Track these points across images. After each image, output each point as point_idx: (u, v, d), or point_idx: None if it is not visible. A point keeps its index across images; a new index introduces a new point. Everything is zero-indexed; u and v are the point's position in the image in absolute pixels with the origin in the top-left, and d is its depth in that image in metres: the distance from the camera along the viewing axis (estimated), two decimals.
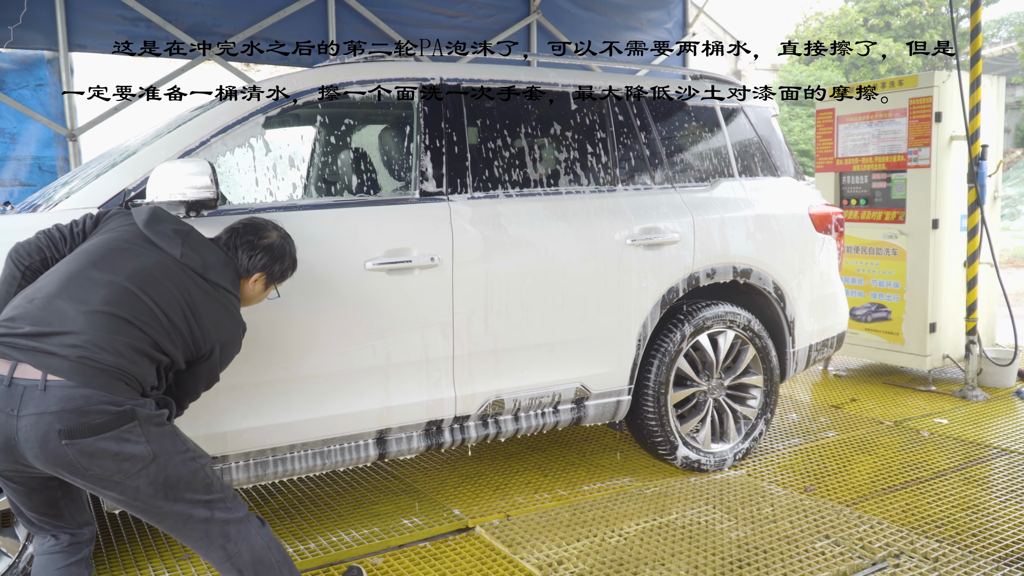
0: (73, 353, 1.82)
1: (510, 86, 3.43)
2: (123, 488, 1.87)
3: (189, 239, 2.16)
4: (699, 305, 3.72)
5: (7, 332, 1.86)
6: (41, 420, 1.77)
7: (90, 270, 1.98)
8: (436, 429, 3.17)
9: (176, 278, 2.06)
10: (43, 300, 1.91)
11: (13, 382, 1.79)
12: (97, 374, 1.83)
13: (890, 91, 5.38)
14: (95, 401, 1.81)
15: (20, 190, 5.35)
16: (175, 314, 2.02)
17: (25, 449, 1.80)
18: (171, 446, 1.93)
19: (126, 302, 1.95)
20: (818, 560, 2.89)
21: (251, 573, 2.02)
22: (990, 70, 23.16)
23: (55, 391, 1.78)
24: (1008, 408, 4.87)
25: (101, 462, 1.83)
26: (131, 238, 2.10)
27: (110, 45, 5.66)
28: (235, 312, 2.23)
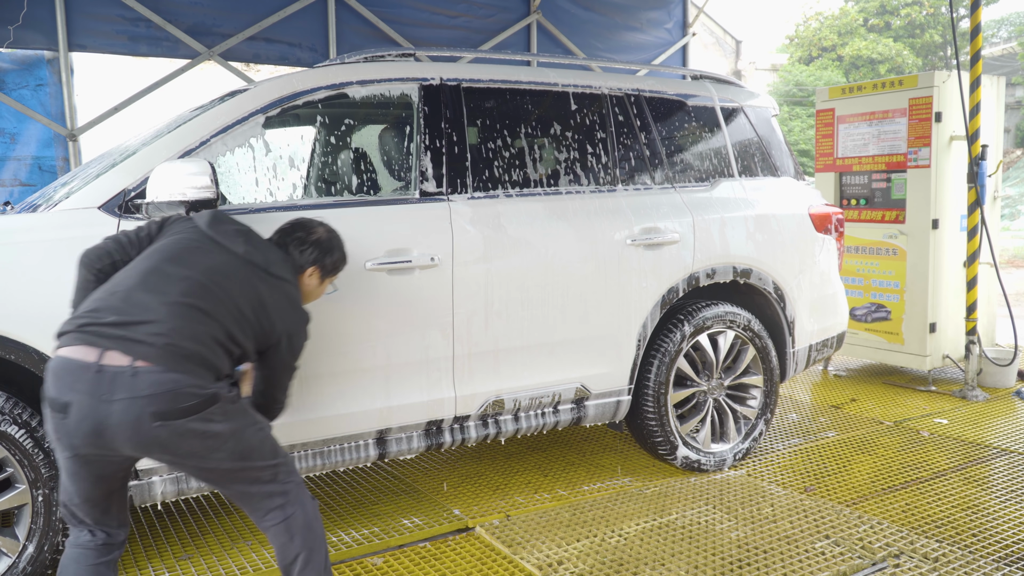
0: (159, 340, 1.93)
1: (510, 86, 3.43)
2: (206, 461, 2.00)
3: (250, 238, 2.30)
4: (699, 305, 3.72)
5: (92, 322, 1.95)
6: (134, 404, 1.87)
7: (166, 265, 2.11)
8: (436, 429, 3.17)
9: (243, 273, 2.20)
10: (124, 292, 2.03)
11: (102, 368, 1.88)
12: (182, 360, 1.94)
13: (890, 91, 5.39)
14: (183, 385, 1.91)
15: (20, 190, 5.35)
16: (246, 306, 2.15)
17: (117, 433, 1.88)
18: (245, 420, 2.07)
19: (202, 294, 2.07)
20: (818, 560, 2.89)
21: (300, 539, 2.13)
22: (990, 70, 23.17)
23: (144, 376, 1.88)
24: (1008, 408, 4.87)
25: (188, 443, 1.94)
26: (198, 238, 2.22)
27: (110, 45, 5.67)
28: (298, 303, 2.36)
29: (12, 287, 2.44)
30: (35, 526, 2.54)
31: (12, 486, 2.52)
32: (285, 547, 2.13)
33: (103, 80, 7.55)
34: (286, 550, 2.13)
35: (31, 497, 2.53)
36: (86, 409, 1.87)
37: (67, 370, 1.90)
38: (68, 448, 1.94)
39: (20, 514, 2.56)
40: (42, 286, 2.47)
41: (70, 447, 1.93)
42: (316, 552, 2.15)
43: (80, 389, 1.88)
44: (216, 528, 3.27)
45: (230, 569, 2.89)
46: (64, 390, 1.89)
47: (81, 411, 1.87)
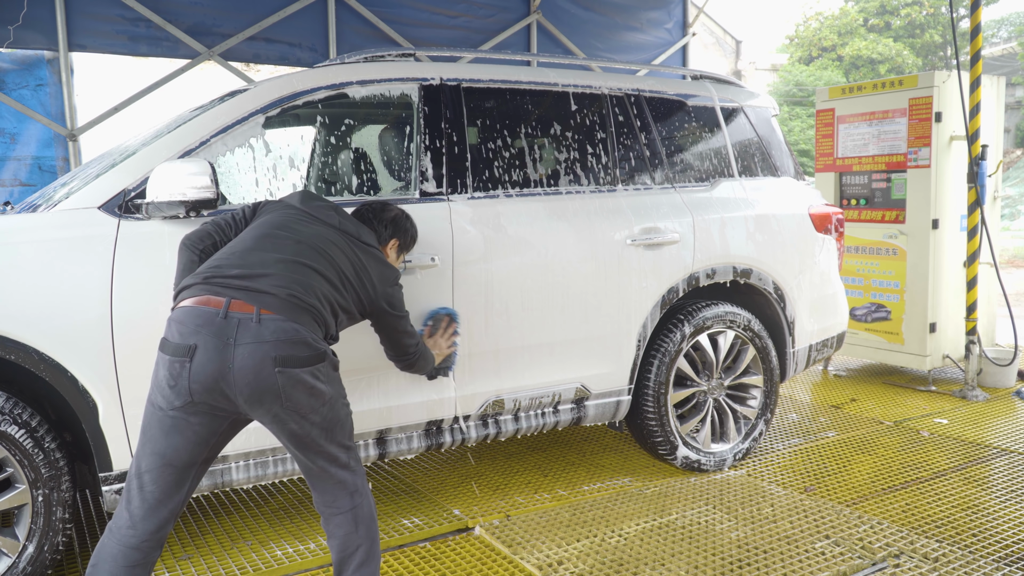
0: (282, 291, 2.04)
1: (510, 86, 3.43)
2: (303, 422, 2.06)
3: (340, 211, 2.46)
4: (699, 305, 3.72)
5: (216, 275, 2.07)
6: (259, 348, 1.95)
7: (277, 231, 2.26)
8: (436, 429, 3.17)
9: (340, 241, 2.34)
10: (242, 251, 2.16)
11: (229, 315, 1.97)
12: (302, 312, 2.05)
13: (890, 91, 5.39)
14: (303, 335, 2.02)
15: (20, 190, 5.35)
16: (348, 269, 2.30)
17: (238, 376, 1.95)
18: (340, 390, 2.16)
19: (313, 256, 2.21)
20: (818, 560, 2.89)
21: (365, 529, 2.19)
22: (990, 70, 23.18)
23: (269, 323, 1.98)
24: (1008, 408, 4.87)
25: (298, 394, 2.01)
26: (296, 213, 2.37)
27: (110, 45, 5.67)
28: (388, 264, 2.50)
29: (12, 287, 2.44)
30: (35, 526, 2.54)
31: (12, 486, 2.51)
32: (349, 536, 2.16)
33: (103, 80, 7.55)
34: (349, 540, 2.17)
35: (31, 497, 2.52)
36: (212, 351, 1.94)
37: (194, 315, 1.98)
38: (183, 394, 1.95)
39: (20, 514, 2.56)
40: (42, 286, 2.47)
41: (186, 392, 1.95)
42: (375, 544, 2.22)
43: (207, 332, 1.95)
44: (216, 528, 3.27)
45: (230, 569, 2.89)
46: (189, 334, 1.96)
47: (207, 353, 1.94)
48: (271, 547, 3.06)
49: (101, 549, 2.02)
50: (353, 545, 2.17)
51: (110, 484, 2.62)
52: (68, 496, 2.58)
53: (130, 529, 2.01)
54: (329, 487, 2.17)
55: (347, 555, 2.18)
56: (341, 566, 2.19)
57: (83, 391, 2.51)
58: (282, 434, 2.10)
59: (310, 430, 2.08)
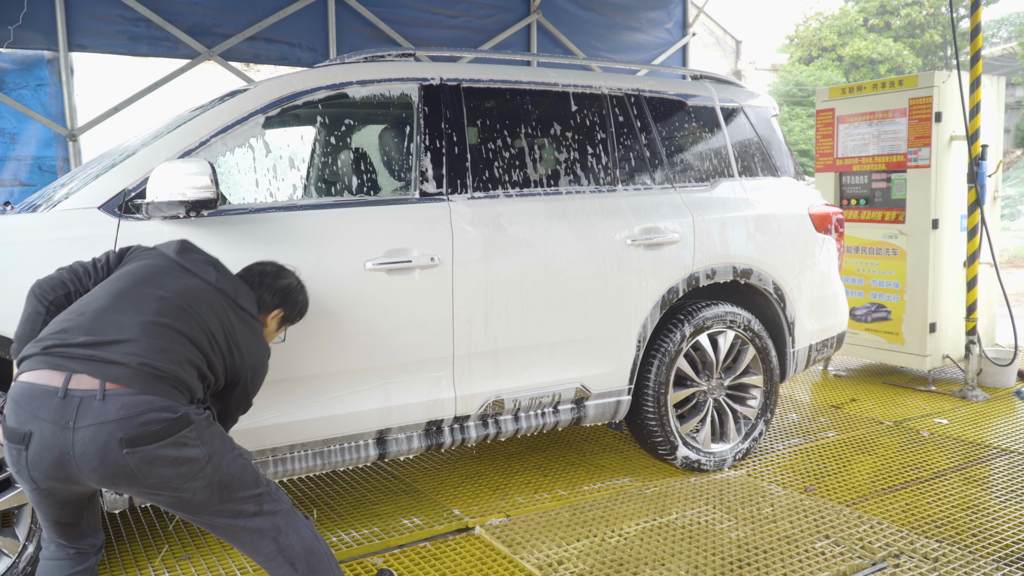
0: (133, 360, 1.82)
1: (510, 86, 3.43)
2: (180, 491, 1.88)
3: (219, 268, 2.24)
4: (699, 305, 3.72)
5: (59, 343, 1.84)
6: (101, 430, 1.75)
7: (139, 286, 2.01)
8: (436, 429, 3.17)
9: (214, 301, 2.11)
10: (95, 312, 1.92)
11: (68, 393, 1.76)
12: (156, 381, 1.84)
13: (890, 91, 5.39)
14: (156, 407, 1.81)
15: (20, 190, 5.35)
16: (218, 334, 2.07)
17: (81, 463, 1.77)
18: (222, 446, 1.96)
19: (179, 316, 1.98)
20: (818, 560, 2.89)
21: (303, 565, 2.04)
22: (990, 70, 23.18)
23: (114, 399, 1.77)
24: (1008, 408, 4.87)
25: (160, 469, 1.82)
26: (168, 264, 2.13)
27: (110, 45, 5.67)
28: (262, 338, 2.29)
29: (12, 287, 2.44)
30: (35, 526, 2.54)
31: (12, 486, 2.51)
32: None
33: (103, 80, 7.55)
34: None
35: None
36: (48, 439, 1.75)
37: (30, 396, 1.78)
38: (28, 481, 1.83)
39: (20, 514, 2.56)
40: None
41: (30, 480, 1.82)
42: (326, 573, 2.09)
43: (43, 417, 1.75)
44: None
45: (230, 569, 2.89)
46: (25, 419, 1.77)
47: (43, 441, 1.76)
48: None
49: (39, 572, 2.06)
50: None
51: None
52: None
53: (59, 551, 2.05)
54: (244, 540, 2.00)
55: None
56: None
57: None
58: (162, 504, 1.92)
59: (192, 496, 1.89)
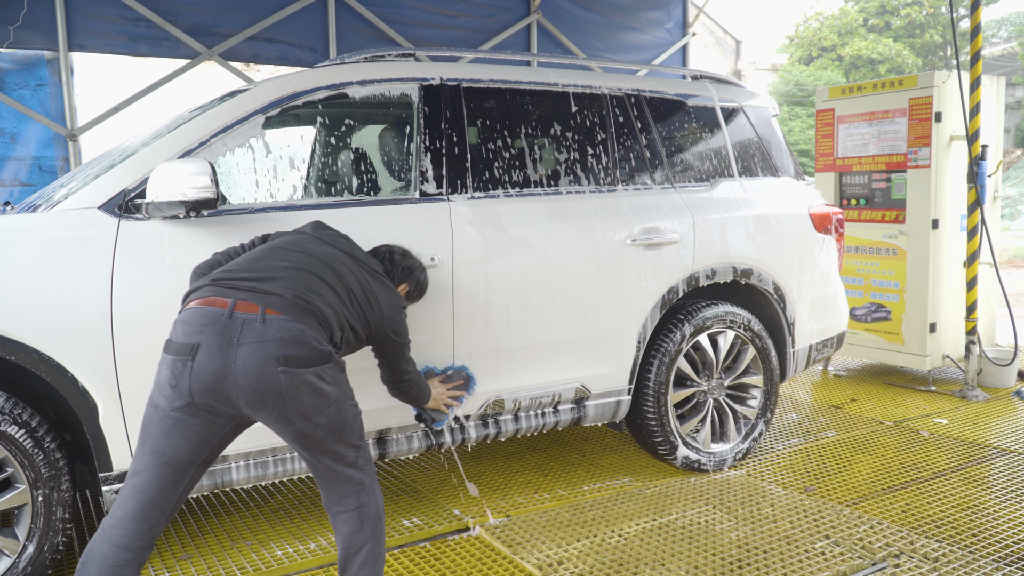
0: (288, 292, 2.06)
1: (510, 86, 3.43)
2: (308, 423, 2.05)
3: (352, 241, 2.52)
4: (699, 305, 3.72)
5: (224, 277, 2.10)
6: (262, 348, 1.95)
7: (285, 247, 2.30)
8: (436, 429, 3.16)
9: (351, 263, 2.37)
10: (253, 259, 2.21)
11: (234, 315, 1.98)
12: (307, 313, 2.06)
13: (890, 91, 5.39)
14: (307, 335, 2.02)
15: (20, 190, 5.35)
16: (356, 289, 2.32)
17: (240, 376, 1.94)
18: (347, 390, 2.17)
19: (322, 269, 2.24)
20: (818, 560, 2.89)
21: (370, 528, 2.18)
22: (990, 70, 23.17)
23: (273, 323, 1.99)
24: (1008, 408, 4.87)
25: (302, 395, 2.00)
26: (307, 237, 2.41)
27: (110, 45, 5.67)
28: (397, 294, 2.53)
29: (12, 287, 2.44)
30: (35, 526, 2.54)
31: (12, 486, 2.52)
32: (353, 535, 2.16)
33: (103, 80, 7.54)
34: (354, 538, 2.16)
35: (31, 497, 2.52)
36: (214, 350, 1.94)
37: (199, 315, 1.99)
38: (185, 394, 1.95)
39: (20, 514, 2.56)
40: (42, 286, 2.47)
41: (188, 392, 1.95)
42: (380, 544, 2.21)
43: (210, 332, 1.95)
44: (216, 528, 3.27)
45: (230, 569, 2.89)
46: (193, 333, 1.96)
47: (209, 351, 1.94)
48: (271, 547, 3.06)
49: (91, 547, 1.99)
50: (357, 544, 2.17)
51: (110, 484, 2.62)
52: (68, 496, 2.58)
53: (121, 528, 1.98)
54: (335, 485, 2.17)
55: (351, 553, 2.17)
56: (345, 563, 2.19)
57: (83, 391, 2.51)
58: (287, 434, 2.09)
59: (315, 431, 2.07)
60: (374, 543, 2.20)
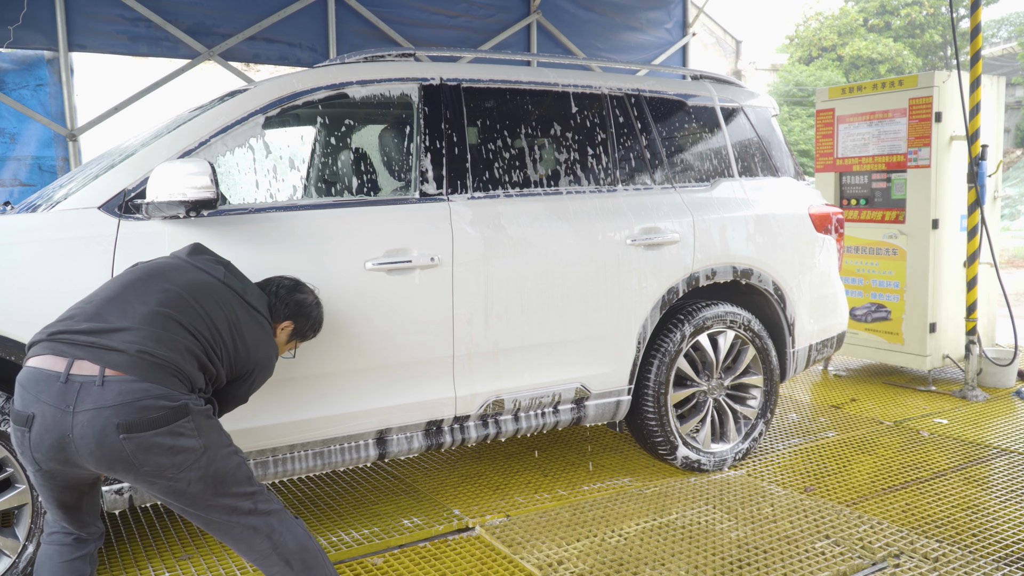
0: (132, 348, 1.87)
1: (510, 86, 3.43)
2: (175, 482, 1.90)
3: (229, 267, 2.30)
4: (699, 305, 3.72)
5: (64, 330, 1.92)
6: (99, 415, 1.80)
7: (146, 279, 2.09)
8: (436, 429, 3.17)
9: (222, 296, 2.16)
10: (100, 301, 2.00)
11: (70, 378, 1.82)
12: (154, 369, 1.88)
13: (890, 91, 5.38)
14: (153, 395, 1.85)
15: (20, 190, 5.35)
16: (223, 327, 2.11)
17: (80, 446, 1.82)
18: (218, 439, 1.98)
19: (182, 308, 2.03)
20: (818, 560, 2.89)
21: (298, 562, 2.05)
22: (990, 70, 23.17)
23: (113, 385, 1.82)
24: (1008, 408, 4.87)
25: (156, 457, 1.86)
26: (176, 262, 2.22)
27: (110, 45, 5.67)
28: (271, 336, 2.33)
29: (12, 287, 2.44)
30: (35, 526, 2.54)
31: (12, 486, 2.52)
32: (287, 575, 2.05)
33: (103, 80, 7.54)
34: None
35: (31, 497, 2.53)
36: (49, 421, 1.82)
37: (33, 380, 1.85)
38: (31, 463, 1.90)
39: (20, 514, 2.56)
40: (42, 286, 2.47)
41: (33, 462, 1.89)
42: (319, 570, 2.09)
43: (45, 400, 1.82)
44: None
45: (230, 569, 2.89)
46: (29, 402, 1.84)
47: (44, 423, 1.82)
48: None
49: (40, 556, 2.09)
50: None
51: (110, 484, 2.62)
52: None
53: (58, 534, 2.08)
54: (238, 538, 2.02)
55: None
56: None
57: None
58: (158, 496, 1.95)
59: (187, 487, 1.91)
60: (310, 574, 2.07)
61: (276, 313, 2.40)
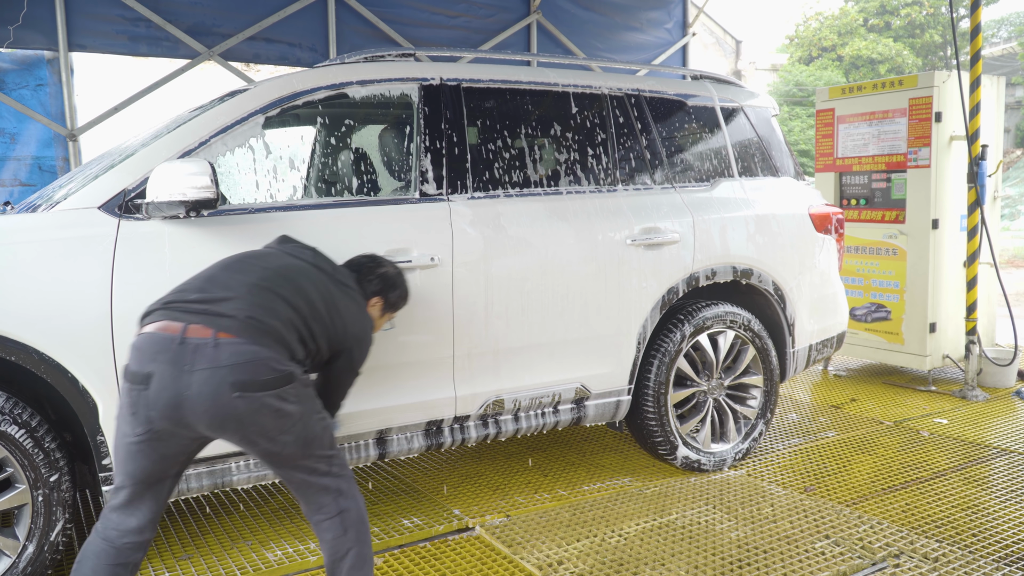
0: (241, 314, 2.01)
1: (510, 86, 3.43)
2: (273, 444, 2.03)
3: (317, 252, 2.43)
4: (699, 305, 3.72)
5: (176, 299, 2.06)
6: (215, 374, 1.92)
7: (242, 260, 2.25)
8: (436, 429, 3.17)
9: (315, 276, 2.30)
10: (206, 276, 2.16)
11: (185, 340, 1.94)
12: (262, 334, 2.01)
13: (890, 91, 5.38)
14: (262, 358, 1.98)
15: (20, 190, 5.35)
16: (319, 304, 2.23)
17: (195, 404, 1.92)
18: (312, 406, 2.12)
19: (281, 284, 2.17)
20: (818, 560, 2.89)
21: (354, 532, 2.16)
22: (990, 70, 23.17)
23: (226, 347, 1.94)
24: (1008, 408, 4.87)
25: (263, 418, 1.98)
26: (268, 250, 2.36)
27: (110, 45, 5.67)
28: (365, 310, 2.47)
29: (12, 287, 2.44)
30: (35, 526, 2.54)
31: (12, 486, 2.52)
32: (338, 540, 2.15)
33: (103, 80, 7.55)
34: (338, 544, 2.15)
35: (31, 497, 2.53)
36: (167, 379, 1.92)
37: (151, 343, 1.97)
38: (144, 422, 1.96)
39: (20, 514, 2.56)
40: (42, 286, 2.47)
41: (146, 420, 1.96)
42: (366, 547, 2.19)
43: (162, 360, 1.93)
44: (216, 528, 3.27)
45: (230, 569, 2.89)
46: (146, 362, 1.95)
47: (162, 381, 1.92)
48: (271, 547, 3.06)
49: (87, 547, 2.06)
50: (343, 549, 2.15)
51: (110, 484, 2.62)
52: (68, 496, 2.58)
53: (114, 529, 2.06)
54: (312, 495, 2.15)
55: (338, 559, 2.16)
56: (332, 570, 2.17)
57: (83, 391, 2.52)
58: (253, 454, 2.09)
59: (282, 449, 2.05)
60: (360, 546, 2.18)
61: (365, 292, 2.54)
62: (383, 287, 2.59)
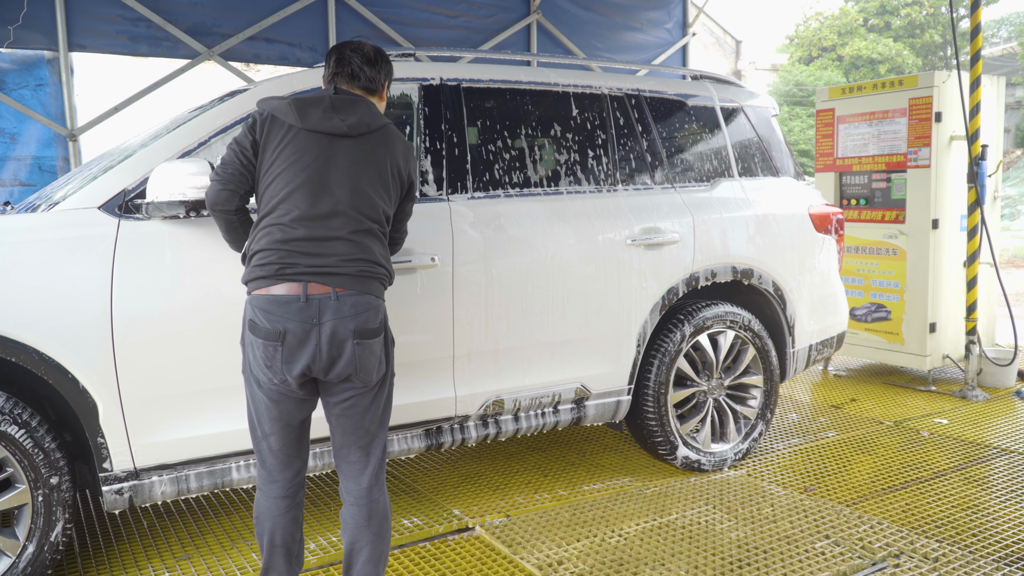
0: (351, 268, 2.19)
1: (510, 86, 3.43)
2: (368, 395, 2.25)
3: (338, 109, 2.26)
4: (699, 305, 3.72)
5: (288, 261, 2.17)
6: (341, 324, 2.14)
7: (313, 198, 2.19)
8: (436, 429, 3.17)
9: (362, 155, 2.27)
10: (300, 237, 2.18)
11: (309, 298, 2.14)
12: (369, 281, 2.22)
13: (890, 91, 5.39)
14: (373, 307, 2.21)
15: (20, 190, 5.36)
16: (380, 182, 2.29)
17: (325, 353, 2.14)
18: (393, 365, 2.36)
19: (356, 217, 2.22)
20: (818, 560, 2.89)
21: (376, 524, 2.29)
22: (990, 70, 23.18)
23: (346, 299, 2.16)
24: (1008, 408, 4.87)
25: (370, 362, 2.20)
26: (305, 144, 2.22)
27: (110, 45, 5.67)
28: (402, 138, 2.40)
29: (12, 287, 2.44)
30: (35, 526, 2.54)
31: (12, 486, 2.52)
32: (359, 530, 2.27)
33: (103, 80, 7.55)
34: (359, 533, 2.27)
35: (31, 497, 2.52)
36: (300, 334, 2.13)
37: (277, 304, 2.14)
38: (279, 374, 2.15)
39: (20, 514, 2.56)
40: (42, 286, 2.47)
41: (281, 372, 2.15)
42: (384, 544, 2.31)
43: (293, 318, 2.13)
44: (216, 528, 3.27)
45: (230, 569, 2.89)
46: (277, 321, 2.13)
47: (296, 337, 2.13)
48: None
49: (257, 504, 2.30)
50: (363, 540, 2.27)
51: (110, 484, 2.62)
52: (68, 496, 2.58)
53: (273, 484, 2.28)
54: (355, 472, 2.29)
55: (357, 548, 2.27)
56: (350, 559, 2.29)
57: (83, 391, 2.51)
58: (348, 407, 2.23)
59: (376, 398, 2.26)
60: (378, 542, 2.28)
61: (378, 84, 2.49)
62: (389, 69, 2.47)
